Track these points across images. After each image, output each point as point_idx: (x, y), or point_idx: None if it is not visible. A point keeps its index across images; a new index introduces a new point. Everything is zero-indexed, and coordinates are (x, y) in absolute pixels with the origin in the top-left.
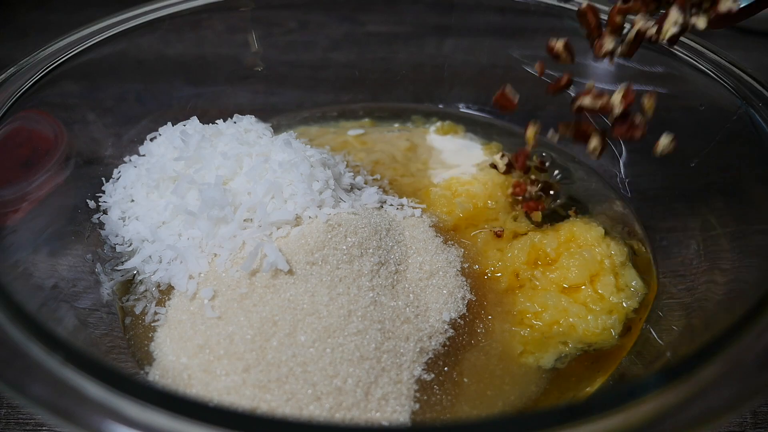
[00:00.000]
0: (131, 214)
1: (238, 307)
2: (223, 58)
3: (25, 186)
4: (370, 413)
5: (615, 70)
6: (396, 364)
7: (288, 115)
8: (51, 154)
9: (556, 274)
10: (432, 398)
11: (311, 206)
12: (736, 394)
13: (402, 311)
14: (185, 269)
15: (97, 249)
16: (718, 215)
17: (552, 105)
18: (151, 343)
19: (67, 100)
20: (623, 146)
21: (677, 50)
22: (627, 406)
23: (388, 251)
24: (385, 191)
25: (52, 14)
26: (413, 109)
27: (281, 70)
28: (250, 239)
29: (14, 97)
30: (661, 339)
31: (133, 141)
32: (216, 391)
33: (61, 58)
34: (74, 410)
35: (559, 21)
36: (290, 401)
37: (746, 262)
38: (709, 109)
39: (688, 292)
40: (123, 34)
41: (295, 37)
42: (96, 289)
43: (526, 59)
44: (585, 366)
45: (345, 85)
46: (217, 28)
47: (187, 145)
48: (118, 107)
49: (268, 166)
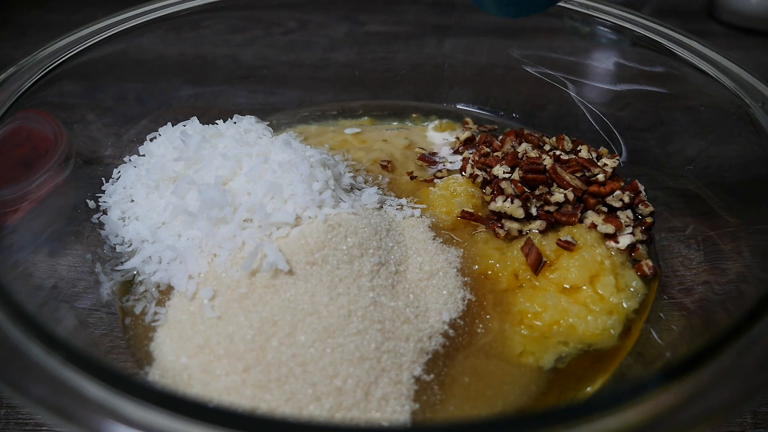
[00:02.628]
0: (131, 214)
1: (238, 307)
2: (223, 58)
3: (25, 186)
4: (370, 413)
5: (615, 70)
6: (396, 364)
7: (287, 113)
8: (51, 154)
9: (556, 274)
10: (432, 398)
11: (311, 206)
12: (736, 394)
13: (402, 311)
14: (185, 269)
15: (97, 249)
16: (718, 215)
17: (552, 105)
18: (151, 343)
19: (67, 99)
20: (623, 146)
21: (677, 50)
22: (627, 406)
23: (388, 251)
24: (384, 192)
25: (51, 14)
26: (413, 107)
27: (281, 70)
28: (250, 239)
29: (14, 97)
30: (661, 339)
31: (133, 141)
32: (216, 391)
33: (60, 58)
34: (74, 410)
35: (559, 21)
36: (290, 401)
37: (746, 262)
38: (709, 109)
39: (688, 293)
40: (123, 34)
41: (295, 37)
42: (96, 289)
43: (526, 59)
44: (585, 366)
45: (345, 85)
46: (217, 28)
47: (187, 146)
48: (117, 107)
49: (267, 166)
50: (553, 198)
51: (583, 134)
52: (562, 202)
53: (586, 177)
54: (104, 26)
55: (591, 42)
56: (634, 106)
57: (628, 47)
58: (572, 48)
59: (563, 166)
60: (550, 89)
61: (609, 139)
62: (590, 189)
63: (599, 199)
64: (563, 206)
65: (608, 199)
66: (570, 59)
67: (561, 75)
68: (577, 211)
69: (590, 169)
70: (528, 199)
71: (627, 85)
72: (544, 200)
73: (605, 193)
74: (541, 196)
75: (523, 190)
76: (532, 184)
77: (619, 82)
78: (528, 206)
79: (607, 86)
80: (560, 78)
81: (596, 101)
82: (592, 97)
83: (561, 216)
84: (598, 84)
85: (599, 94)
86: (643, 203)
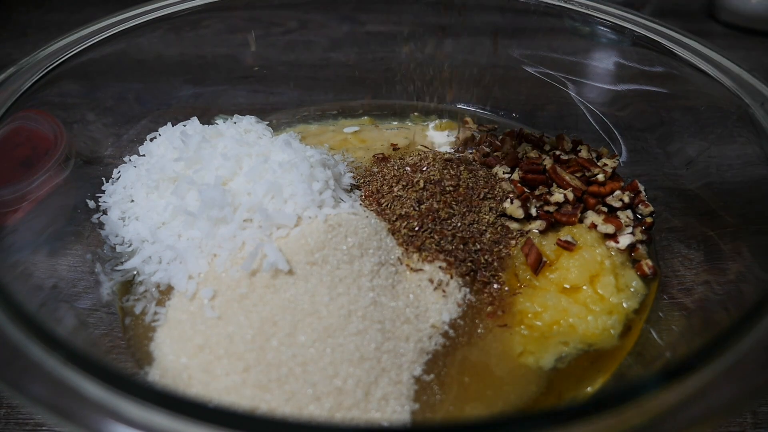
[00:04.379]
0: (131, 214)
1: (238, 307)
2: (222, 58)
3: (25, 186)
4: (370, 413)
5: (615, 70)
6: (396, 364)
7: (287, 113)
8: (51, 154)
9: (556, 274)
10: (432, 398)
11: (311, 206)
12: (736, 394)
13: (402, 311)
14: (185, 269)
15: (97, 249)
16: (718, 215)
17: (552, 105)
18: (151, 343)
19: (67, 99)
20: (623, 146)
21: (677, 50)
22: (627, 406)
23: (388, 251)
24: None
25: (51, 14)
26: (412, 107)
27: (281, 70)
28: (250, 239)
29: (14, 97)
30: (661, 339)
31: (133, 141)
32: (216, 391)
33: (60, 58)
34: (74, 410)
35: (559, 21)
36: (290, 401)
37: (746, 262)
38: (709, 109)
39: (688, 293)
40: (123, 34)
41: (295, 36)
42: (96, 289)
43: (526, 59)
44: (585, 366)
45: (345, 85)
46: (217, 28)
47: (187, 146)
48: (117, 107)
49: (267, 166)
50: (553, 198)
51: (583, 134)
52: (561, 202)
53: (585, 177)
54: (104, 26)
55: (591, 42)
56: (634, 106)
57: (628, 47)
58: (572, 48)
59: (563, 166)
60: (550, 89)
61: (609, 139)
62: (590, 189)
63: (599, 199)
64: (563, 206)
65: (608, 199)
66: (570, 59)
67: (561, 75)
68: (577, 211)
69: (590, 169)
70: (528, 199)
71: (627, 85)
72: (543, 200)
73: (605, 193)
74: (540, 196)
75: (523, 190)
76: (531, 184)
77: (619, 82)
78: (527, 206)
79: (607, 86)
80: (560, 78)
81: (596, 101)
82: (592, 97)
83: (561, 216)
84: (598, 84)
85: (599, 94)
86: (643, 203)
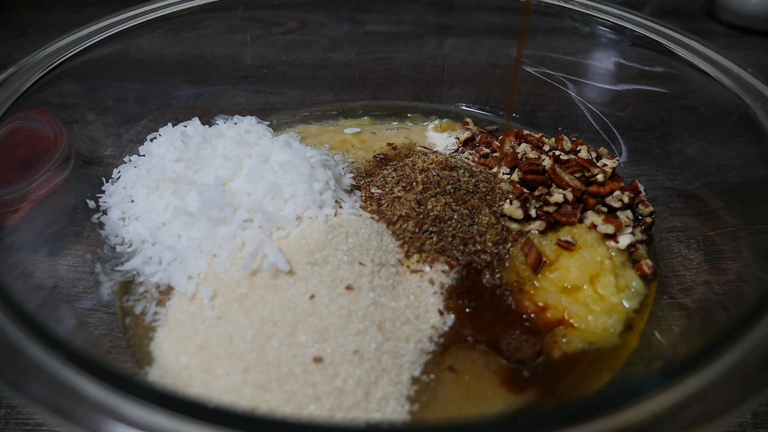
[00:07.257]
0: (131, 214)
1: (238, 307)
2: (222, 58)
3: (25, 186)
4: (371, 413)
5: (615, 70)
6: (396, 364)
7: (287, 113)
8: (51, 154)
9: (556, 274)
10: (432, 398)
11: (312, 207)
12: (736, 394)
13: (402, 312)
14: (185, 270)
15: (97, 249)
16: (718, 215)
17: (552, 105)
18: (151, 343)
19: (67, 99)
20: (623, 146)
21: (677, 50)
22: (627, 406)
23: (388, 252)
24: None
25: (51, 14)
26: (413, 107)
27: (281, 70)
28: (250, 240)
29: (14, 97)
30: (661, 339)
31: (133, 141)
32: (216, 391)
33: (60, 58)
34: (74, 410)
35: (559, 21)
36: (290, 401)
37: (746, 262)
38: (709, 109)
39: (688, 293)
40: (123, 34)
41: (295, 36)
42: (96, 290)
43: (526, 59)
44: (585, 366)
45: (345, 85)
46: (217, 28)
47: (188, 146)
48: (117, 107)
49: (268, 166)
50: (552, 198)
51: (583, 134)
52: (561, 202)
53: (585, 177)
54: (104, 26)
55: (591, 42)
56: (634, 106)
57: (628, 47)
58: (572, 48)
59: (563, 167)
60: (550, 89)
61: (609, 139)
62: (590, 189)
63: (599, 200)
64: (562, 207)
65: (608, 199)
66: (570, 59)
67: (561, 75)
68: (577, 212)
69: (590, 170)
70: (527, 200)
71: (627, 85)
72: (543, 201)
73: (605, 194)
74: (540, 197)
75: (522, 191)
76: (531, 184)
77: (619, 82)
78: (527, 207)
79: (607, 86)
80: (560, 78)
81: (596, 101)
82: (592, 97)
83: (561, 216)
84: (598, 84)
85: (599, 94)
86: (643, 203)
